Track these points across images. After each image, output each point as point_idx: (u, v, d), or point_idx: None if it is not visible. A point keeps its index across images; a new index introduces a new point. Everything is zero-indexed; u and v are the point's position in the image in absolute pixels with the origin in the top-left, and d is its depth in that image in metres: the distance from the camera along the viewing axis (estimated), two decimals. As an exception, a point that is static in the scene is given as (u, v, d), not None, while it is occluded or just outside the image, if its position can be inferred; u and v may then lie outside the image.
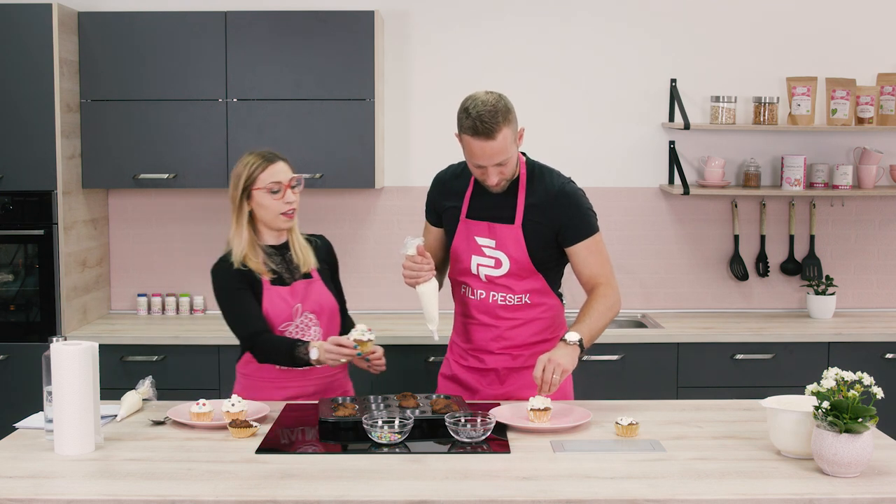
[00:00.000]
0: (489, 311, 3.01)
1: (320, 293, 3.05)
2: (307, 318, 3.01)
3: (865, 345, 4.19)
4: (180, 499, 2.17)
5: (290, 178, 2.99)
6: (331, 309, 3.06)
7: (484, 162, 2.83)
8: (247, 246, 3.00)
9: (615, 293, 2.98)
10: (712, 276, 4.74)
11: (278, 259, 3.04)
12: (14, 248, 4.20)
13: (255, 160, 2.99)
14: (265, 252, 3.03)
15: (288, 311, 2.99)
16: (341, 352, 2.81)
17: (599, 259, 2.98)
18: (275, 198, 2.97)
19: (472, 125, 2.77)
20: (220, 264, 3.03)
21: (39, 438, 2.60)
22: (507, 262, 2.95)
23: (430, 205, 3.16)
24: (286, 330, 2.99)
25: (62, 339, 2.50)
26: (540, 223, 2.93)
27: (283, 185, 2.97)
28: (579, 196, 2.97)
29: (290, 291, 3.01)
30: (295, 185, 3.00)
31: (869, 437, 2.25)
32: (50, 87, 4.09)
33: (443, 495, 2.18)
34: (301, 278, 3.03)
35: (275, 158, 3.00)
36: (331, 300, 3.07)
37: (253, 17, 4.28)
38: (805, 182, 4.53)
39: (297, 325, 3.01)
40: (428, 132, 4.64)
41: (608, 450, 2.49)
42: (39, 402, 2.63)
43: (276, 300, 2.99)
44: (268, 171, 2.97)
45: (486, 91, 2.83)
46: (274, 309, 2.98)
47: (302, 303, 3.01)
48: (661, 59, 4.64)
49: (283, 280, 3.02)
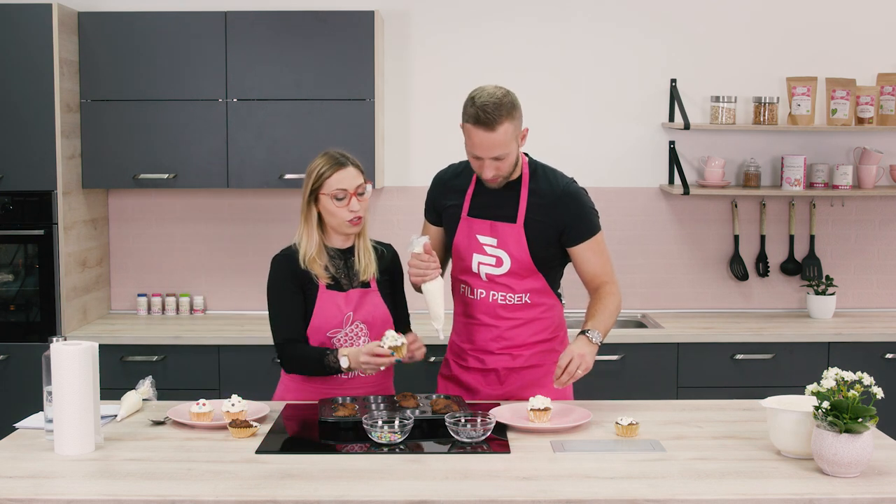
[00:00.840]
0: (489, 310, 3.01)
1: (375, 304, 2.99)
2: (358, 327, 2.97)
3: (865, 345, 4.19)
4: (180, 499, 2.17)
5: (356, 185, 2.92)
6: (384, 320, 2.99)
7: (481, 153, 2.83)
8: (315, 248, 2.96)
9: (619, 292, 3.01)
10: (712, 276, 4.74)
11: (340, 263, 2.99)
12: (14, 248, 4.20)
13: (323, 163, 2.93)
14: (329, 254, 2.99)
15: (339, 318, 2.95)
16: (379, 361, 2.80)
17: (602, 258, 2.99)
18: (340, 205, 2.91)
19: (475, 114, 2.78)
20: (281, 258, 3.00)
21: (39, 438, 2.60)
22: (508, 261, 2.95)
23: (429, 204, 3.16)
24: (335, 336, 2.95)
25: (62, 339, 2.50)
26: (543, 223, 2.93)
27: (349, 192, 2.90)
28: (582, 196, 2.98)
29: (345, 298, 2.96)
30: (362, 193, 2.93)
31: (869, 437, 2.25)
32: (50, 87, 4.09)
33: (443, 495, 2.18)
34: (359, 286, 2.98)
35: (345, 163, 2.92)
36: (385, 312, 3.00)
37: (253, 17, 4.28)
38: (805, 182, 4.53)
39: (347, 333, 2.96)
40: (428, 132, 4.64)
41: (608, 450, 2.49)
42: (39, 402, 2.63)
43: (328, 306, 2.94)
44: (335, 176, 2.90)
45: (496, 85, 2.84)
46: (325, 314, 2.94)
47: (354, 311, 2.96)
48: (660, 59, 4.65)
49: (339, 286, 2.97)
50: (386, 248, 3.10)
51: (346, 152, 2.99)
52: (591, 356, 2.82)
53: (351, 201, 2.91)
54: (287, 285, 2.96)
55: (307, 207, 2.96)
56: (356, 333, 2.97)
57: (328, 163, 2.93)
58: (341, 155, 2.95)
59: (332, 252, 2.99)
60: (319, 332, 2.95)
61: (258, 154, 4.31)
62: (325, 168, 2.92)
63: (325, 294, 2.95)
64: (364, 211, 2.95)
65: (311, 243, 2.95)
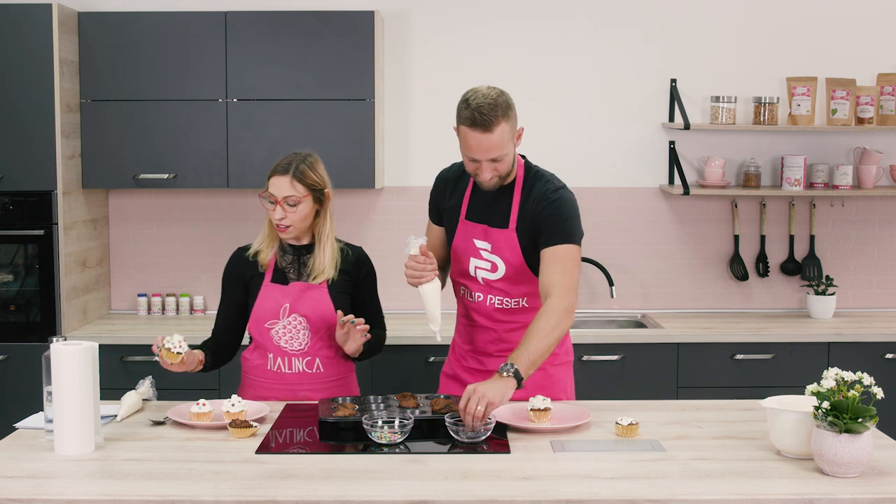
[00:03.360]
0: (487, 313, 3.00)
1: (318, 300, 3.00)
2: (296, 319, 2.99)
3: (865, 345, 4.19)
4: (180, 499, 2.17)
5: (284, 195, 2.94)
6: (325, 318, 2.99)
7: (479, 156, 2.80)
8: (264, 239, 3.06)
9: (563, 310, 2.77)
10: (712, 276, 4.74)
11: (292, 258, 3.05)
12: (14, 248, 4.20)
13: (274, 164, 3.00)
14: (283, 248, 3.05)
15: (276, 310, 3.00)
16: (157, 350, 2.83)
17: (562, 269, 2.81)
18: (269, 208, 2.98)
19: (471, 116, 2.75)
20: (235, 254, 3.13)
21: (39, 438, 2.60)
22: (502, 266, 2.94)
23: (432, 203, 3.15)
24: (273, 328, 3.00)
25: (62, 339, 2.50)
26: (529, 228, 2.90)
27: (276, 200, 2.95)
28: (564, 202, 2.88)
29: (284, 291, 3.01)
30: (293, 204, 2.94)
31: (869, 437, 2.25)
32: (50, 87, 4.09)
33: (443, 495, 2.18)
34: (304, 281, 3.03)
35: (285, 171, 2.95)
36: (328, 310, 2.99)
37: (253, 17, 4.28)
38: (805, 182, 4.53)
39: (285, 325, 3.00)
40: (428, 132, 4.64)
41: (608, 450, 2.49)
42: (39, 402, 2.63)
43: (267, 297, 3.01)
44: (270, 180, 2.97)
45: (489, 86, 2.82)
46: (264, 305, 3.01)
47: (292, 303, 2.99)
48: (661, 60, 4.65)
49: (284, 279, 3.03)
50: (352, 250, 3.10)
51: (307, 159, 3.00)
52: (495, 390, 2.56)
53: (276, 209, 2.95)
54: (229, 280, 3.10)
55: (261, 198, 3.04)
56: (294, 326, 3.00)
57: (275, 165, 2.99)
58: (289, 163, 2.97)
59: (285, 246, 3.05)
60: (259, 323, 3.02)
61: (258, 154, 4.31)
62: (271, 168, 3.00)
63: (268, 286, 3.02)
64: (297, 221, 2.96)
65: (262, 236, 3.07)
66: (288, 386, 3.01)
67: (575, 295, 2.84)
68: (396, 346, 4.10)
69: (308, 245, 3.05)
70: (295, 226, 2.97)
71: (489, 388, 2.57)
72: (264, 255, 3.04)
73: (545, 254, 2.86)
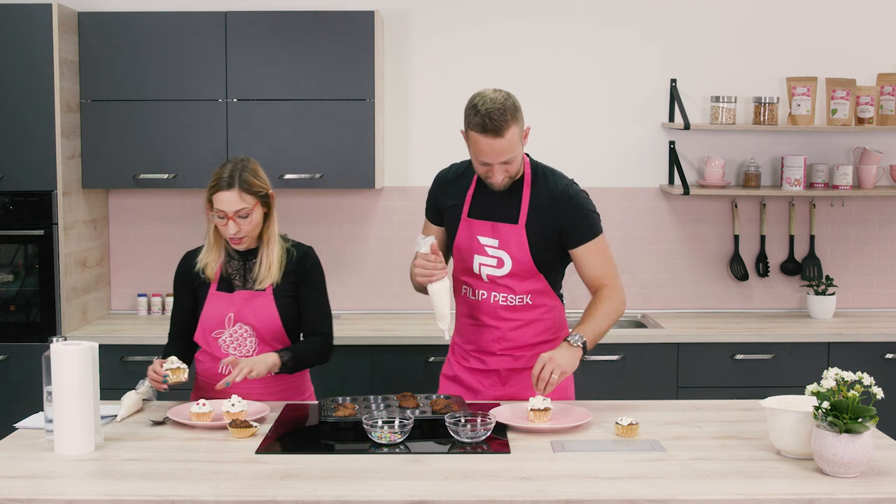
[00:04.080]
0: (491, 311, 3.01)
1: (263, 307, 2.97)
2: (242, 328, 2.97)
3: (865, 345, 4.19)
4: (180, 499, 2.17)
5: (236, 209, 2.89)
6: (270, 324, 2.98)
7: (491, 160, 2.82)
8: (209, 250, 3.01)
9: (620, 295, 2.97)
10: (712, 276, 4.74)
11: (238, 265, 3.02)
12: (14, 248, 4.20)
13: (214, 179, 2.93)
14: (228, 255, 3.02)
15: (221, 319, 2.98)
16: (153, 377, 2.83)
17: (603, 260, 2.97)
18: (220, 223, 2.93)
19: (482, 122, 2.76)
20: (185, 257, 3.11)
21: (39, 438, 2.60)
22: (509, 262, 2.95)
23: (431, 203, 3.15)
24: (220, 337, 2.98)
25: (62, 339, 2.50)
26: (543, 225, 2.93)
27: (228, 215, 2.90)
28: (582, 198, 2.97)
29: (229, 300, 2.98)
30: (245, 216, 2.91)
31: (869, 437, 2.25)
32: (50, 87, 4.09)
33: (443, 495, 2.18)
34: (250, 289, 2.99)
35: (229, 185, 2.89)
36: (273, 316, 2.98)
37: (253, 17, 4.28)
38: (805, 182, 4.53)
39: (231, 333, 2.98)
40: (428, 132, 4.64)
41: (608, 450, 2.49)
42: (39, 402, 2.63)
43: (212, 306, 2.99)
44: (216, 196, 2.90)
45: (494, 89, 2.83)
46: (209, 315, 2.99)
47: (237, 313, 2.97)
48: (661, 60, 4.65)
49: (230, 286, 3.00)
50: (298, 249, 3.06)
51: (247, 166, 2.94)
52: (566, 358, 2.76)
53: (229, 224, 2.90)
54: (179, 286, 3.08)
55: (207, 211, 2.98)
56: (241, 335, 2.98)
57: (216, 180, 2.91)
58: (229, 176, 2.90)
59: (232, 253, 3.02)
60: (205, 333, 3.00)
61: (258, 154, 4.27)
62: (213, 184, 2.92)
63: (213, 295, 3.00)
64: (250, 230, 2.93)
65: (208, 246, 3.03)
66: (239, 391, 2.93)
67: (620, 281, 3.01)
68: (396, 346, 4.11)
69: (254, 249, 3.02)
70: (249, 235, 2.95)
71: (562, 357, 2.75)
72: (211, 268, 3.00)
73: (582, 251, 2.95)
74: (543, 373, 2.73)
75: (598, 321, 2.90)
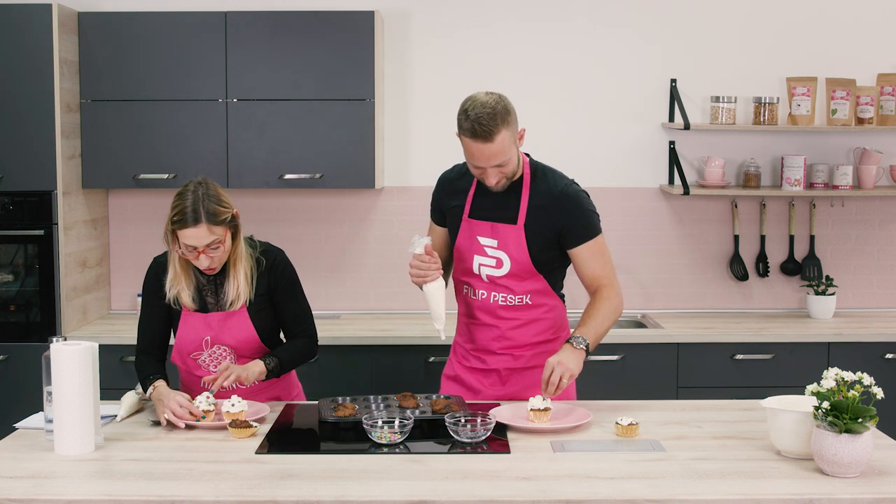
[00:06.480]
0: (490, 311, 3.01)
1: (239, 326, 2.93)
2: (220, 349, 2.95)
3: (865, 345, 4.19)
4: (180, 499, 2.17)
5: (206, 243, 2.78)
6: (248, 342, 2.95)
7: (482, 163, 2.83)
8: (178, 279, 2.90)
9: (618, 295, 2.98)
10: (712, 276, 4.74)
11: (209, 289, 2.94)
12: (14, 248, 4.20)
13: (177, 213, 2.77)
14: (198, 277, 2.93)
15: (198, 341, 2.94)
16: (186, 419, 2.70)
17: (602, 261, 2.97)
18: (190, 256, 2.82)
19: (471, 127, 2.76)
20: (155, 266, 2.99)
21: (39, 438, 2.60)
22: (508, 263, 2.95)
23: (434, 204, 3.16)
24: (198, 358, 2.95)
25: (62, 339, 2.50)
26: (542, 225, 2.93)
27: (198, 250, 2.79)
28: (581, 198, 2.96)
29: (205, 321, 2.92)
30: (216, 248, 2.81)
31: (869, 437, 2.26)
32: (50, 87, 4.09)
33: (443, 495, 2.18)
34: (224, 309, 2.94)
35: (195, 221, 2.75)
36: (250, 334, 2.93)
37: (253, 17, 4.28)
38: (805, 182, 4.53)
39: (210, 354, 2.96)
40: (428, 132, 4.64)
41: (608, 450, 2.49)
42: (39, 402, 2.63)
43: (188, 329, 2.93)
44: (182, 233, 2.77)
45: (487, 92, 2.83)
46: (185, 337, 2.94)
47: (214, 335, 2.93)
48: (660, 60, 4.64)
49: (204, 307, 2.94)
50: (267, 257, 2.97)
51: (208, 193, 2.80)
52: (573, 361, 2.79)
53: (200, 257, 2.80)
54: (150, 297, 2.97)
55: (168, 239, 2.84)
56: (220, 355, 2.96)
57: (179, 215, 2.76)
58: (195, 210, 2.76)
59: (201, 276, 2.94)
60: (183, 355, 2.97)
61: (258, 154, 4.31)
62: (177, 218, 2.77)
63: (187, 316, 2.93)
64: (224, 257, 2.86)
65: (174, 274, 2.90)
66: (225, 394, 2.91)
67: (618, 282, 3.02)
68: (396, 346, 4.11)
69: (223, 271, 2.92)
70: (221, 260, 2.87)
71: (570, 360, 2.78)
72: (184, 296, 2.90)
73: (580, 251, 2.95)
74: (553, 377, 2.74)
75: (599, 322, 2.90)
